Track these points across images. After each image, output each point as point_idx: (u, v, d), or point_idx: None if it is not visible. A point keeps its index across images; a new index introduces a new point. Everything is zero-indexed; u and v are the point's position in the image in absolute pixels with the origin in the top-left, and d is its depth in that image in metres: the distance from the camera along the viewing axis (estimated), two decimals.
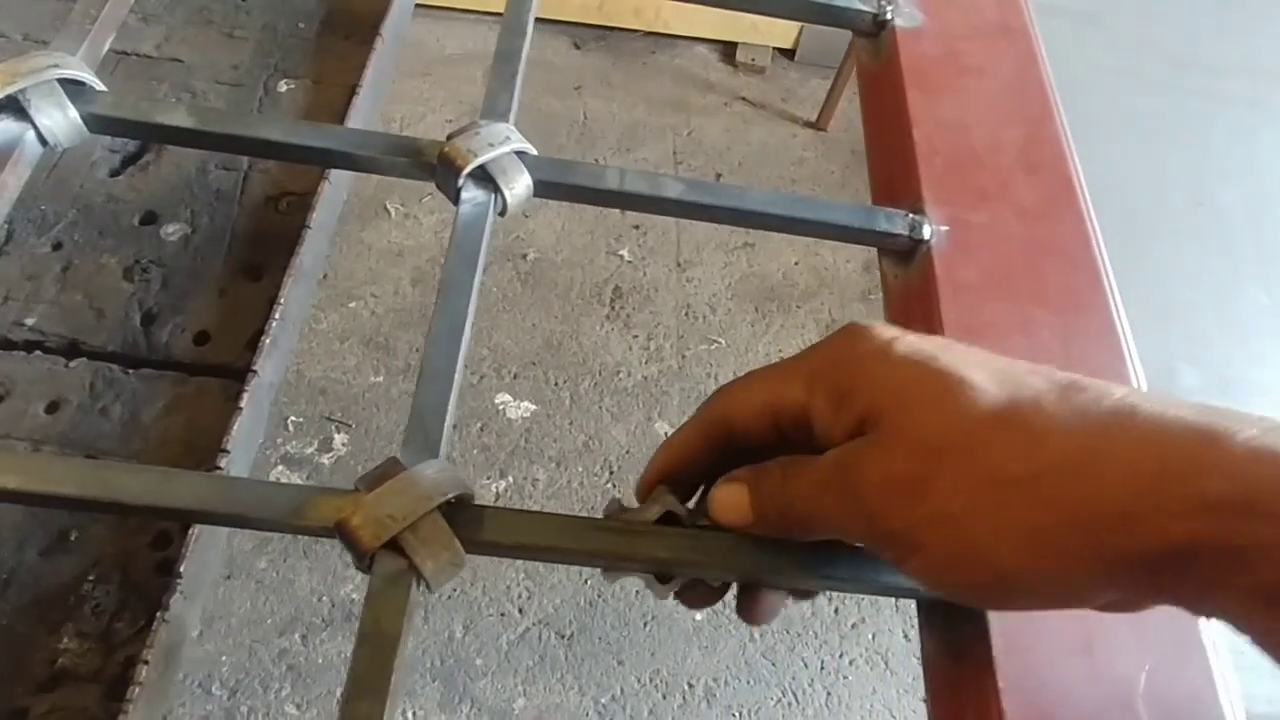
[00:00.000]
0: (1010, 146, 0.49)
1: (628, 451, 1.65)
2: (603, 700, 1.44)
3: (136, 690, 0.34)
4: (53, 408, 0.41)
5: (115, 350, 0.43)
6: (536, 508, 1.59)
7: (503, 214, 0.43)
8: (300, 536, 1.55)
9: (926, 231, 0.44)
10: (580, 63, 2.21)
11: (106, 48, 0.45)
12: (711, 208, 0.44)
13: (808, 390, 0.30)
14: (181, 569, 0.36)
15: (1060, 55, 0.58)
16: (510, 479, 1.60)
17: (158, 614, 0.35)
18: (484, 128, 0.43)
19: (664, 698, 1.45)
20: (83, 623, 0.36)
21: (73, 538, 0.38)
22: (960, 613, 0.34)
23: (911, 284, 0.44)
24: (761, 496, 0.31)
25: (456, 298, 0.38)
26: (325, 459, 1.58)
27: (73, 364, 0.43)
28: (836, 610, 1.56)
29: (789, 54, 2.31)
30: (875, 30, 0.55)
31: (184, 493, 0.32)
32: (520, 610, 1.49)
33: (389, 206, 1.88)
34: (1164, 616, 0.35)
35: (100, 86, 0.42)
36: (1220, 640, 0.36)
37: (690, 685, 1.47)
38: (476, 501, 0.33)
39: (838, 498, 0.28)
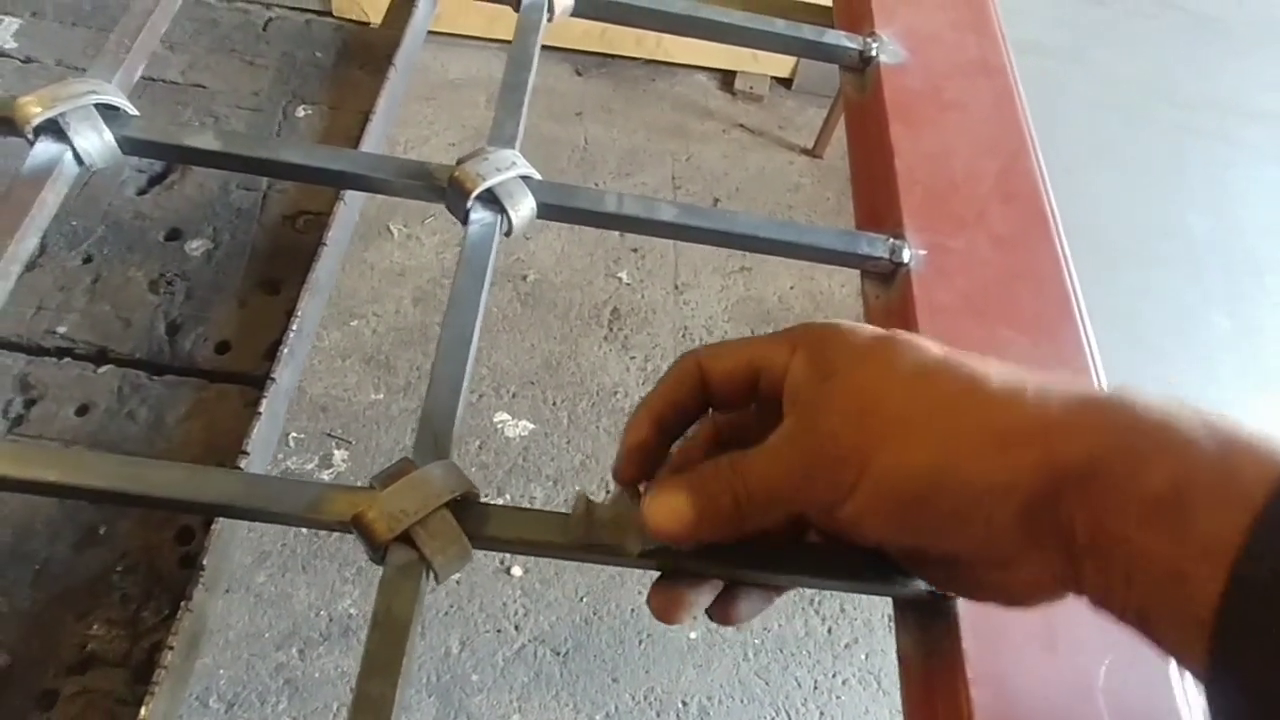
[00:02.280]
0: (987, 176, 0.52)
1: None
2: (597, 717, 1.45)
3: (161, 674, 0.36)
4: (82, 410, 0.44)
5: (141, 358, 0.46)
6: None
7: (508, 234, 0.45)
8: (298, 551, 1.56)
9: (906, 255, 0.47)
10: (582, 89, 2.26)
11: (138, 75, 0.48)
12: (703, 230, 0.47)
13: (790, 352, 0.33)
14: (204, 562, 0.38)
15: (1038, 90, 0.62)
16: (507, 496, 1.61)
17: (182, 604, 0.37)
18: (491, 153, 0.46)
19: (658, 715, 1.46)
20: (111, 611, 0.38)
21: (101, 532, 0.40)
22: (933, 610, 0.37)
23: (891, 305, 0.47)
24: (709, 493, 0.32)
25: (465, 311, 0.41)
26: (326, 474, 1.59)
27: (101, 370, 0.45)
28: (830, 630, 1.58)
29: (786, 83, 2.36)
30: (861, 66, 0.58)
31: (210, 488, 0.34)
32: (516, 627, 1.50)
33: (392, 227, 1.91)
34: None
35: (133, 111, 0.45)
36: None
37: (684, 704, 1.48)
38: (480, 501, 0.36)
39: (797, 452, 0.31)
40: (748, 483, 0.31)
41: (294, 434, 1.60)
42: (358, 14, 2.31)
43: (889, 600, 0.37)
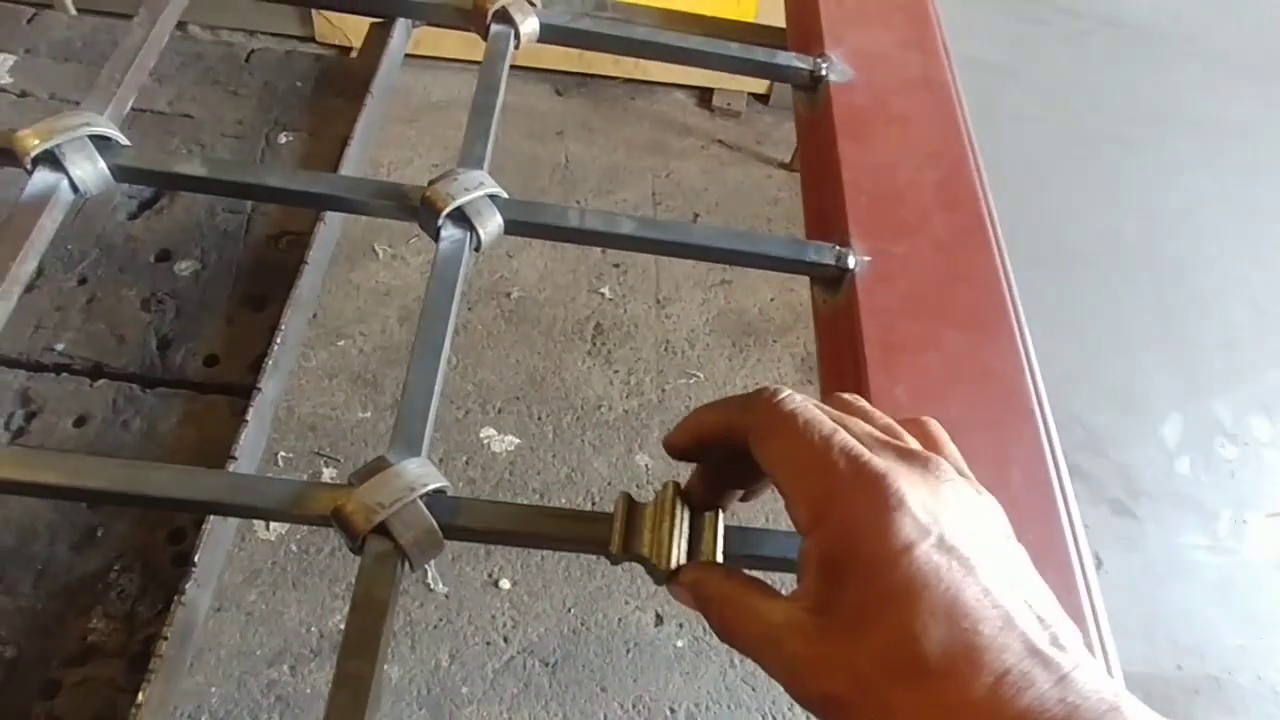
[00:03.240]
0: (929, 186, 0.56)
1: (609, 483, 1.70)
2: None
3: (157, 663, 0.38)
4: (80, 422, 0.46)
5: (135, 371, 0.48)
6: None
7: (478, 249, 0.48)
8: (288, 569, 1.58)
9: (851, 261, 0.50)
10: (562, 109, 2.30)
11: (129, 107, 0.51)
12: (660, 242, 0.50)
13: (812, 517, 0.29)
14: (196, 559, 0.41)
15: (979, 103, 0.65)
16: None
17: (175, 598, 0.40)
18: (461, 174, 0.49)
19: None
20: (109, 606, 0.41)
21: (99, 534, 0.43)
22: None
23: (839, 308, 0.50)
24: (701, 597, 0.32)
25: (436, 322, 0.44)
26: None
27: (97, 384, 0.48)
28: None
29: (763, 99, 2.41)
30: (812, 85, 0.62)
31: (201, 487, 0.37)
32: (505, 639, 1.52)
33: (377, 248, 1.94)
34: (1049, 586, 0.40)
35: (125, 141, 0.48)
36: (1100, 609, 0.41)
37: (672, 711, 1.50)
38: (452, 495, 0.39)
39: (772, 658, 0.29)
40: (726, 628, 0.31)
41: (283, 453, 1.62)
42: (340, 39, 2.34)
43: None
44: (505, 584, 1.56)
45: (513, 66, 0.59)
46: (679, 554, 0.33)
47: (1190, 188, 2.40)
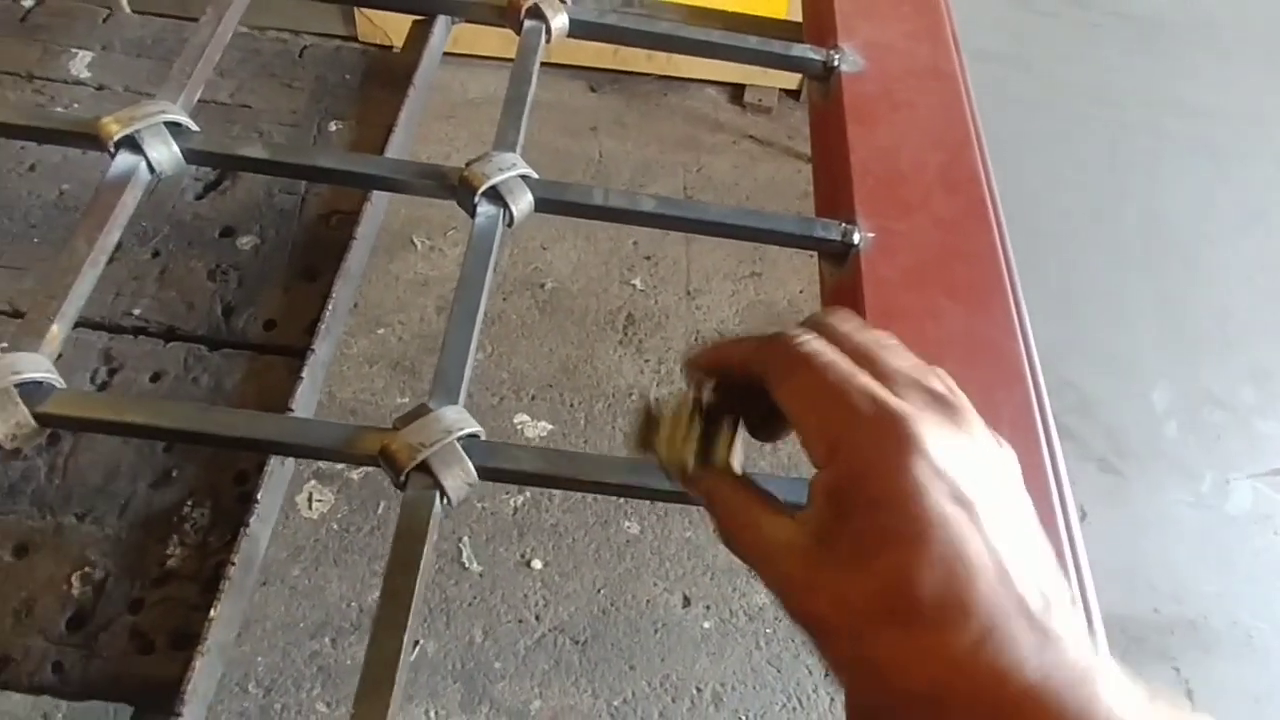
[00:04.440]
0: (933, 168, 0.59)
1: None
2: (615, 703, 1.51)
3: (226, 585, 0.43)
4: (155, 378, 0.52)
5: (203, 334, 0.54)
6: (553, 521, 1.68)
7: (510, 225, 0.53)
8: (330, 546, 1.65)
9: (856, 238, 0.54)
10: (596, 105, 2.35)
11: (198, 96, 0.56)
12: (679, 219, 0.54)
13: (828, 451, 0.29)
14: (258, 497, 0.46)
15: (988, 92, 0.68)
16: (528, 493, 1.69)
17: (240, 530, 0.45)
18: (495, 156, 0.53)
19: (673, 701, 1.52)
20: (184, 536, 0.46)
21: (173, 474, 0.48)
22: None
23: (843, 281, 0.54)
24: (712, 502, 0.33)
25: (472, 289, 0.49)
26: (354, 474, 1.68)
27: (169, 345, 0.53)
28: None
29: (794, 94, 2.43)
30: (825, 75, 0.66)
31: (265, 428, 0.42)
32: (537, 617, 1.57)
33: (415, 240, 2.00)
34: None
35: (195, 128, 0.53)
36: (1081, 552, 0.45)
37: (699, 690, 1.54)
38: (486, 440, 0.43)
39: (769, 573, 0.30)
40: (743, 547, 0.31)
41: None
42: (381, 38, 2.42)
43: None
44: (537, 564, 1.61)
45: (547, 64, 0.63)
46: (691, 457, 0.34)
47: (1192, 171, 2.45)
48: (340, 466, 1.70)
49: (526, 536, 1.64)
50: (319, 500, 1.68)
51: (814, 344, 0.32)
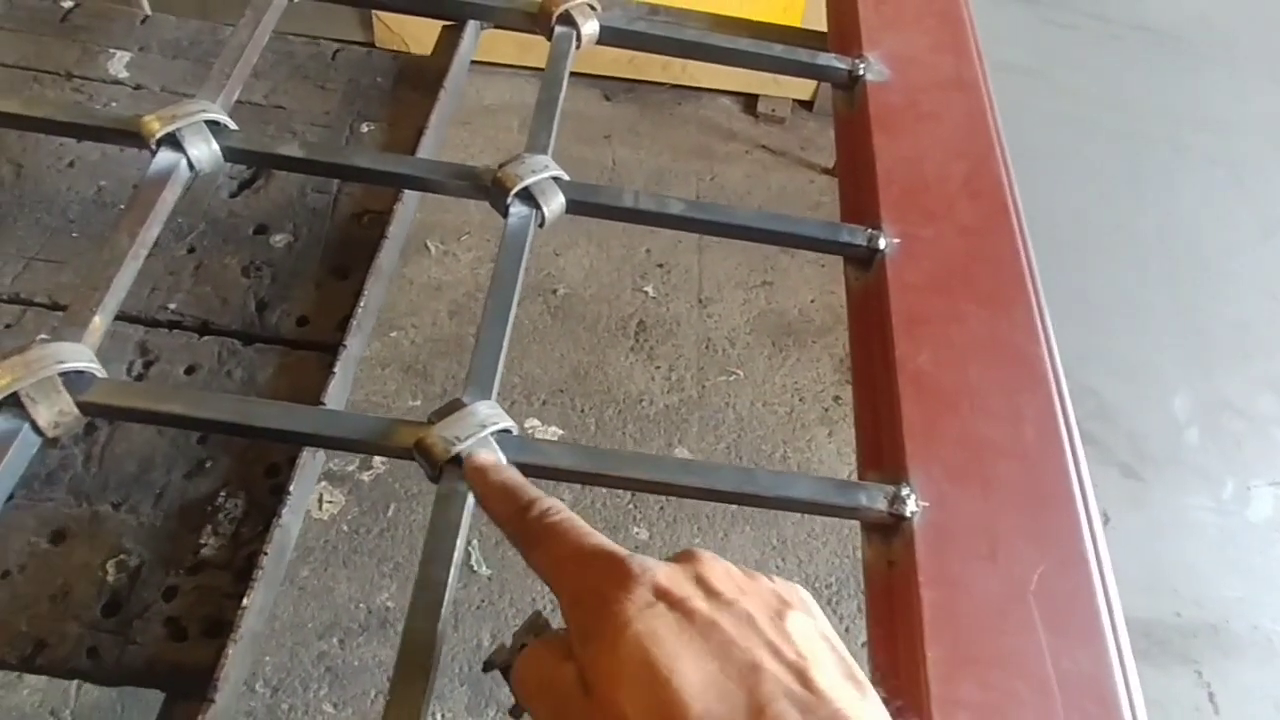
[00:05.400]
0: (956, 176, 0.60)
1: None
2: None
3: (259, 573, 0.44)
4: (190, 370, 0.52)
5: (237, 329, 0.55)
6: None
7: (542, 225, 0.54)
8: (339, 547, 1.65)
9: (882, 243, 0.55)
10: (610, 113, 2.37)
11: (235, 96, 0.57)
12: (708, 222, 0.55)
13: (569, 605, 0.31)
14: (290, 489, 0.47)
15: (1010, 103, 0.69)
16: None
17: (273, 521, 0.46)
18: (528, 158, 0.54)
19: None
20: (217, 526, 0.47)
21: (207, 465, 0.49)
22: (894, 529, 0.44)
23: (869, 285, 0.55)
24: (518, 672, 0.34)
25: (505, 287, 0.49)
26: (365, 476, 1.69)
27: (204, 339, 0.54)
28: (847, 629, 1.63)
29: (807, 105, 2.44)
30: (850, 84, 0.66)
31: (300, 420, 0.43)
32: None
33: (429, 245, 2.02)
34: (1056, 530, 0.44)
35: (234, 126, 0.55)
36: (1104, 554, 0.45)
37: None
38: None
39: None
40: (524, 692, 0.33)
41: None
42: (399, 45, 2.44)
43: None
44: None
45: None
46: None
47: (1209, 182, 2.47)
48: (352, 468, 1.71)
49: None
50: (329, 501, 1.68)
51: (557, 515, 0.35)
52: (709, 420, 1.84)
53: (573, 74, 0.63)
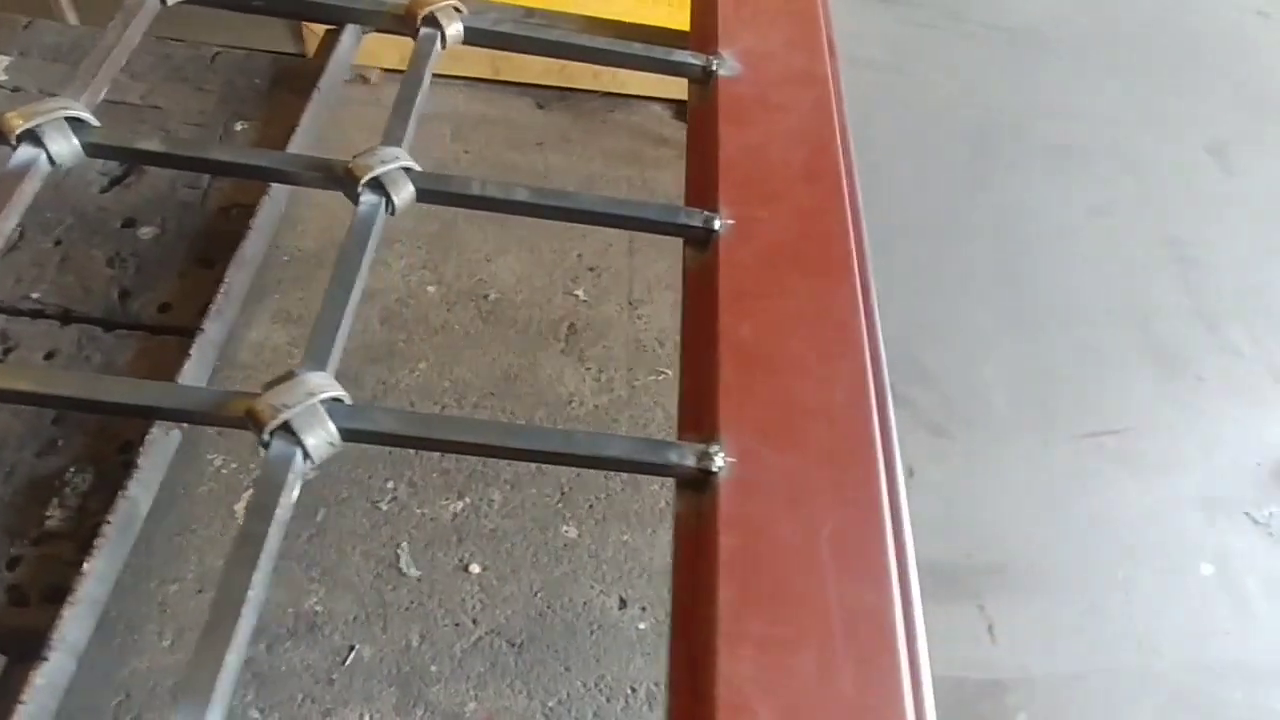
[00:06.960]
0: (797, 163, 0.64)
1: (578, 475, 1.77)
2: (550, 704, 1.53)
3: (101, 542, 0.46)
4: (49, 356, 0.54)
5: (98, 316, 0.57)
6: (492, 526, 1.71)
7: (392, 213, 0.57)
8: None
9: (717, 224, 0.58)
10: (543, 121, 2.40)
11: (102, 95, 0.59)
12: (553, 208, 0.58)
13: None
14: (139, 462, 0.49)
15: (865, 97, 0.74)
16: (468, 499, 1.71)
17: (119, 492, 0.48)
18: (380, 150, 0.57)
19: (608, 701, 1.55)
20: (65, 500, 0.49)
21: (59, 444, 0.51)
22: (703, 484, 0.47)
23: (704, 264, 0.58)
24: None
25: (349, 269, 0.52)
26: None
27: (66, 327, 0.56)
28: None
29: None
30: (705, 79, 0.70)
31: (142, 394, 0.45)
32: (474, 621, 1.59)
33: None
34: (855, 482, 0.48)
35: (95, 123, 0.57)
36: (901, 504, 0.49)
37: (633, 690, 1.57)
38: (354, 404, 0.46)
39: None
40: None
41: None
42: None
43: None
44: (475, 568, 1.63)
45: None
46: None
47: (1047, 167, 2.64)
48: None
49: (465, 541, 1.66)
50: None
51: None
52: (638, 419, 1.87)
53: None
